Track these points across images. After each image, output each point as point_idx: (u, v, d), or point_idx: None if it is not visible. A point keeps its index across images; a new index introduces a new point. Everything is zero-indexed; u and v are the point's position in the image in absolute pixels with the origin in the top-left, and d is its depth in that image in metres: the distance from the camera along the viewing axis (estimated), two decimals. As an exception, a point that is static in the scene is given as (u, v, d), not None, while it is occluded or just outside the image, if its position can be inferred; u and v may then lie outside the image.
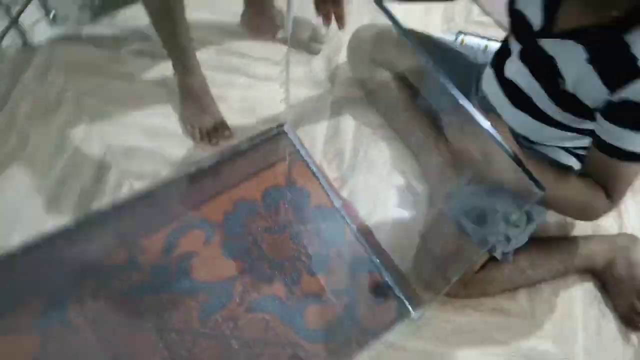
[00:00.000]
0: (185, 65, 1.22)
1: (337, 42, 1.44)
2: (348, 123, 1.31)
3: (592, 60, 0.74)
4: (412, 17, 1.48)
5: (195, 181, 1.19)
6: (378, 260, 1.11)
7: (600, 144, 0.77)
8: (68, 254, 1.07)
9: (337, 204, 1.18)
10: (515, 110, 0.92)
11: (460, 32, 1.43)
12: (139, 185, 1.17)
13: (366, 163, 1.25)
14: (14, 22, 1.44)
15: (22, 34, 1.45)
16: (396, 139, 1.28)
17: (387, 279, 1.09)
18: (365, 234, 1.14)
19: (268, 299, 1.05)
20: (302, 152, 1.24)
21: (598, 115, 0.77)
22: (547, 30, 0.80)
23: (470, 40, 1.39)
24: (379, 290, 1.09)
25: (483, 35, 1.41)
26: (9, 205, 1.13)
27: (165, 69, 1.30)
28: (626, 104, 0.71)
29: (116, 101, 1.29)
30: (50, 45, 1.38)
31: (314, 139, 1.27)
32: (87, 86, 1.31)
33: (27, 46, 1.38)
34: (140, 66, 1.36)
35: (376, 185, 1.22)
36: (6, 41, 1.53)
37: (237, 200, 1.16)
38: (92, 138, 1.24)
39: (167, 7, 1.08)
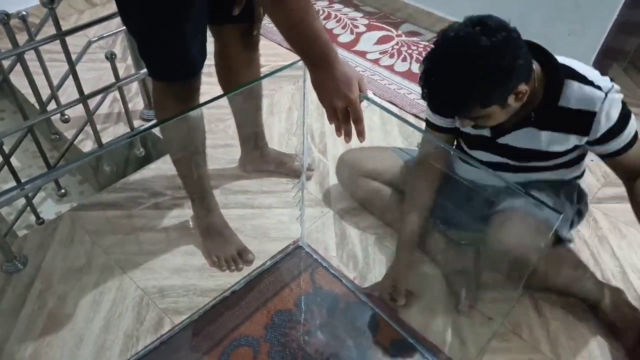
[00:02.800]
0: (207, 207, 1.40)
1: (323, 168, 1.68)
2: (352, 229, 1.49)
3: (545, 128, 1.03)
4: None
5: (231, 304, 1.29)
6: (413, 341, 1.22)
7: (621, 149, 1.06)
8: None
9: (364, 298, 1.30)
10: (512, 174, 1.19)
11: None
12: (178, 319, 1.26)
13: (378, 258, 1.41)
14: (29, 203, 1.59)
15: (36, 213, 1.59)
16: (394, 234, 1.46)
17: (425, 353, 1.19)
18: (397, 320, 1.26)
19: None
20: (320, 261, 1.39)
21: (599, 146, 1.07)
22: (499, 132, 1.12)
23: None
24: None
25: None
26: (58, 362, 1.17)
27: (178, 216, 1.48)
28: (609, 131, 1.03)
29: (141, 250, 1.42)
30: (68, 217, 1.52)
31: (327, 248, 1.44)
32: (112, 242, 1.44)
33: (42, 223, 1.51)
34: (156, 217, 1.51)
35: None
36: (22, 223, 1.66)
37: (274, 312, 1.26)
38: (126, 287, 1.33)
39: (194, 161, 1.30)
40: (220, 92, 1.42)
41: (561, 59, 1.05)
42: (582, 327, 1.26)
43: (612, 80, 1.04)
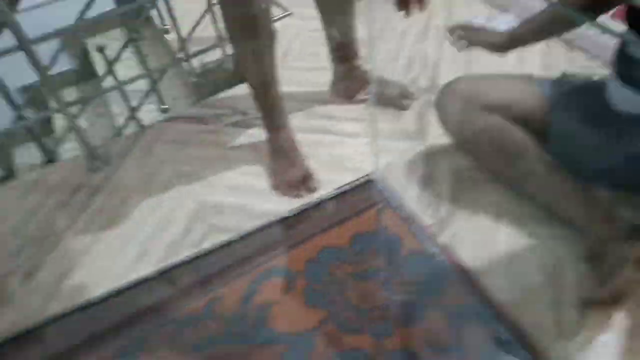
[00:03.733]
0: (276, 122, 1.25)
1: (427, 99, 1.39)
2: (442, 170, 1.20)
3: None
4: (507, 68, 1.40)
5: (279, 231, 1.13)
6: (489, 312, 0.91)
7: None
8: (147, 302, 1.03)
9: (434, 249, 1.03)
10: None
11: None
12: (221, 237, 1.14)
13: (468, 208, 1.11)
14: (133, 114, 1.62)
15: (139, 121, 1.63)
16: (499, 183, 1.12)
17: (501, 333, 0.88)
18: (471, 281, 0.96)
19: (354, 353, 0.89)
20: (392, 200, 1.14)
21: None
22: None
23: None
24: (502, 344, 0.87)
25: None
26: (102, 256, 1.15)
27: (257, 136, 1.34)
28: None
29: (210, 166, 1.33)
30: (158, 125, 1.51)
31: (406, 187, 1.17)
32: (185, 155, 1.38)
33: (142, 129, 1.53)
34: (234, 135, 1.41)
35: (483, 230, 1.06)
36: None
37: (323, 247, 1.07)
38: (185, 197, 1.26)
39: (260, 66, 1.15)
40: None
41: None
42: None
43: None
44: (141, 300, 1.04)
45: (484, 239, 1.04)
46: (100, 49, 1.48)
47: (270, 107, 1.23)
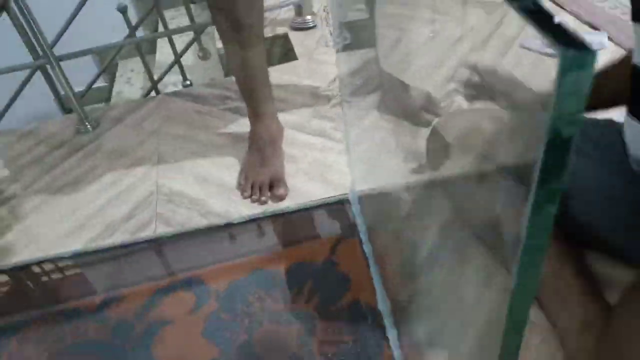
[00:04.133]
0: (256, 111, 1.07)
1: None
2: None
3: None
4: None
5: (218, 239, 0.95)
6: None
7: None
8: (50, 284, 0.91)
9: (383, 307, 0.78)
10: None
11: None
12: (161, 229, 0.99)
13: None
14: (155, 85, 1.54)
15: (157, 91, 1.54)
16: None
17: None
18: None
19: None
20: (361, 232, 0.91)
21: None
22: None
23: None
24: None
25: None
26: (41, 222, 1.06)
27: (246, 125, 1.18)
28: None
29: (189, 149, 1.20)
30: (159, 98, 1.40)
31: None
32: (170, 134, 1.26)
33: (141, 100, 1.43)
34: (228, 121, 1.26)
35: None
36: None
37: (255, 269, 0.87)
38: (148, 177, 1.13)
39: (244, 46, 0.98)
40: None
41: None
42: None
43: None
44: (42, 280, 0.92)
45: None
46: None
47: (250, 95, 1.06)
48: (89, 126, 1.32)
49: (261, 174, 1.04)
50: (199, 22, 1.48)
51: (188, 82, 1.59)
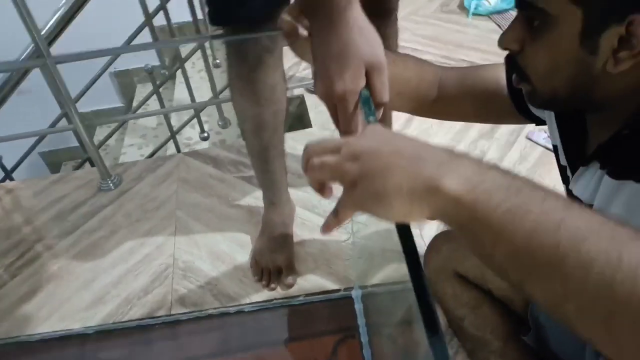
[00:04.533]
0: (273, 199, 1.14)
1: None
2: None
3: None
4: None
5: (227, 325, 1.02)
6: None
7: None
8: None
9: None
10: None
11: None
12: (175, 309, 1.06)
13: None
14: (173, 136, 1.60)
15: (177, 144, 1.61)
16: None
17: None
18: None
19: None
20: (362, 330, 0.98)
21: None
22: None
23: None
24: None
25: None
26: (61, 291, 1.13)
27: (259, 198, 1.24)
28: None
29: (204, 219, 1.26)
30: (180, 158, 1.47)
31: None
32: (188, 199, 1.33)
33: (163, 158, 1.50)
34: (242, 192, 1.33)
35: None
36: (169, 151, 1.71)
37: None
38: (165, 248, 1.20)
39: (263, 140, 1.04)
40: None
41: None
42: None
43: None
44: (64, 355, 0.99)
45: None
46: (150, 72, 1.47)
47: (266, 182, 1.12)
48: (111, 184, 1.39)
49: (271, 261, 1.10)
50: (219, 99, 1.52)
51: (205, 135, 1.66)
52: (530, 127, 1.39)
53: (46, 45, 1.15)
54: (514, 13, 1.81)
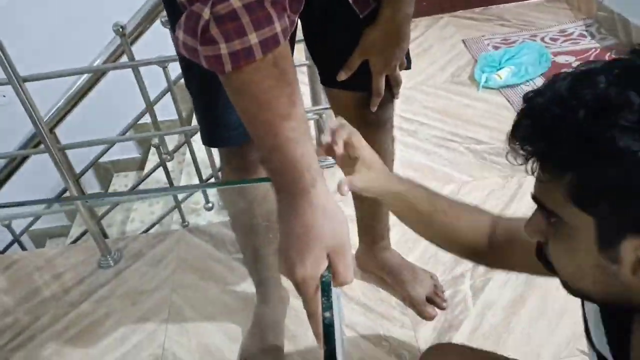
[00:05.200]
0: (264, 295, 1.13)
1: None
2: None
3: None
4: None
5: None
6: None
7: None
8: None
9: None
10: None
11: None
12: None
13: None
14: (178, 206, 1.61)
15: (182, 215, 1.62)
16: None
17: None
18: None
19: None
20: None
21: None
22: None
23: None
24: None
25: None
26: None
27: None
28: None
29: (199, 305, 1.25)
30: (181, 233, 1.47)
31: None
32: (186, 281, 1.32)
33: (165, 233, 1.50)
34: (238, 276, 1.32)
35: None
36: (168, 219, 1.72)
37: None
38: (156, 336, 1.19)
39: (253, 238, 1.03)
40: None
41: None
42: None
43: None
44: None
45: None
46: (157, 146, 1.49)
47: (258, 278, 1.11)
48: (110, 261, 1.39)
49: (259, 358, 1.08)
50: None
51: (210, 205, 1.66)
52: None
53: (49, 132, 1.18)
54: (525, 88, 1.80)
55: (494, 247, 0.70)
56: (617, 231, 0.41)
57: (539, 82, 1.83)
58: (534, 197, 0.48)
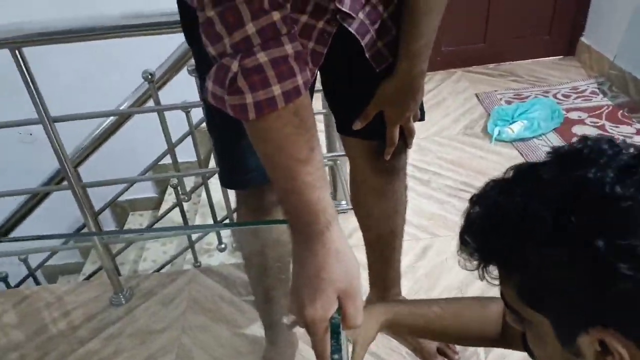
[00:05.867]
0: (272, 338, 1.12)
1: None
2: None
3: None
4: None
5: None
6: None
7: None
8: None
9: None
10: None
11: None
12: None
13: None
14: (191, 245, 1.63)
15: (195, 256, 1.63)
16: None
17: None
18: None
19: None
20: None
21: None
22: None
23: None
24: None
25: None
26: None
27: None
28: None
29: (207, 347, 1.25)
30: (192, 273, 1.48)
31: None
32: (196, 322, 1.32)
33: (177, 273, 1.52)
34: (248, 318, 1.32)
35: None
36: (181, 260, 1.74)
37: None
38: (163, 378, 1.18)
39: (268, 285, 1.05)
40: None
41: None
42: None
43: None
44: None
45: None
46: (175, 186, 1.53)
47: (268, 321, 1.11)
48: (122, 299, 1.40)
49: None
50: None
51: (223, 246, 1.68)
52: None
53: (73, 170, 1.23)
54: (537, 142, 1.81)
55: (506, 330, 0.70)
56: (570, 328, 0.43)
57: (552, 137, 1.86)
58: (501, 295, 0.49)
